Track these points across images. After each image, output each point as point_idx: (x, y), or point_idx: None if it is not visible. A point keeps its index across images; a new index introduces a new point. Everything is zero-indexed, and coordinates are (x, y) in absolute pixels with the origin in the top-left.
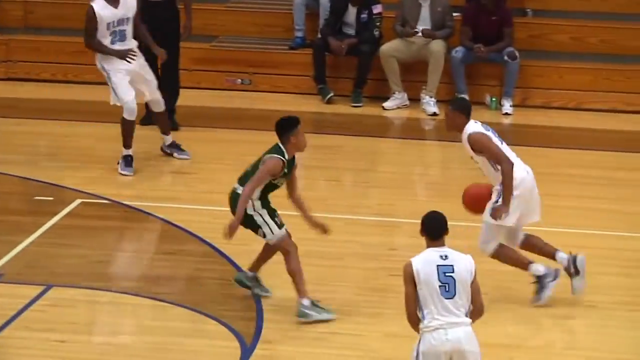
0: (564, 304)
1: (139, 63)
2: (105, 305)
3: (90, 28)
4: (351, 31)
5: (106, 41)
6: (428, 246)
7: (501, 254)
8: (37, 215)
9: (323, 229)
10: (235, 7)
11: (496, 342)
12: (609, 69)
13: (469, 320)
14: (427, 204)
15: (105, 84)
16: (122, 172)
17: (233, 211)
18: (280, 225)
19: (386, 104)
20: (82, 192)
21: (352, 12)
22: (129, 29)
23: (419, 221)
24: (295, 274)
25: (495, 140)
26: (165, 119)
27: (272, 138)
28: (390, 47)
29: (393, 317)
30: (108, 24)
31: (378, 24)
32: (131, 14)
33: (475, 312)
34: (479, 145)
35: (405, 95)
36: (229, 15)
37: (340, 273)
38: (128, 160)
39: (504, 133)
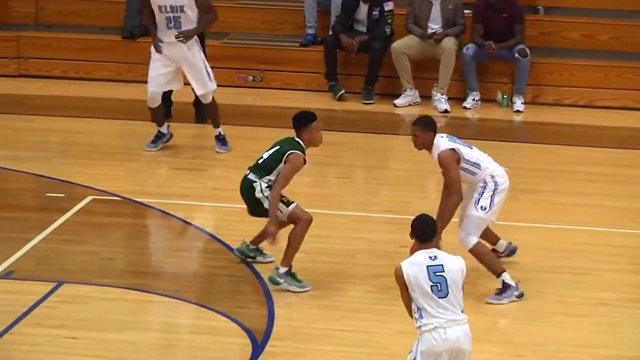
0: (574, 302)
1: (192, 59)
2: (115, 302)
3: (142, 3)
4: (362, 28)
5: (161, 24)
6: (417, 249)
7: (479, 252)
8: (48, 212)
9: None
10: (246, 3)
11: (506, 340)
12: (620, 67)
13: (466, 317)
14: (438, 201)
15: (115, 80)
16: (146, 148)
17: (247, 200)
18: (288, 204)
19: (397, 101)
20: (93, 188)
21: (363, 9)
22: (184, 18)
23: None
24: (292, 242)
25: (464, 149)
26: (215, 112)
27: (284, 135)
28: (402, 44)
29: (403, 314)
30: (160, 7)
31: (389, 21)
32: (185, 4)
33: None
34: (444, 165)
35: (417, 92)
36: (239, 12)
37: (351, 270)
38: (156, 136)
39: (515, 130)
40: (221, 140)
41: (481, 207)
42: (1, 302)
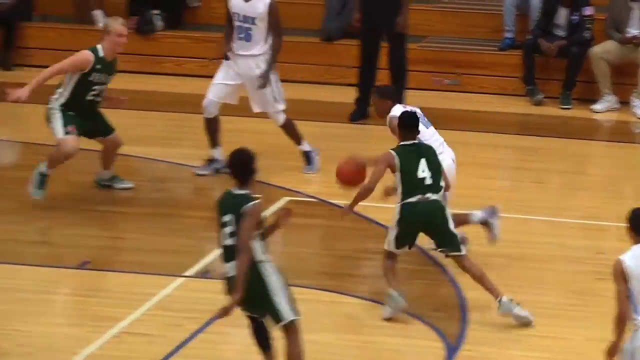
0: None
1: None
2: (309, 303)
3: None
4: (562, 33)
5: (234, 33)
6: (635, 242)
7: None
8: None
9: None
10: (444, 7)
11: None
12: None
13: None
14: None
15: (313, 82)
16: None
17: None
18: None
19: (595, 107)
20: (288, 189)
21: (562, 14)
22: (255, 30)
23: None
24: (479, 279)
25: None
26: (291, 131)
27: (481, 139)
28: (601, 49)
29: (597, 321)
30: (234, 14)
31: (589, 25)
32: (257, 16)
33: None
34: (391, 128)
35: (616, 98)
36: (435, 16)
37: (545, 275)
38: (207, 161)
39: None
40: (307, 158)
41: None
42: (199, 301)
